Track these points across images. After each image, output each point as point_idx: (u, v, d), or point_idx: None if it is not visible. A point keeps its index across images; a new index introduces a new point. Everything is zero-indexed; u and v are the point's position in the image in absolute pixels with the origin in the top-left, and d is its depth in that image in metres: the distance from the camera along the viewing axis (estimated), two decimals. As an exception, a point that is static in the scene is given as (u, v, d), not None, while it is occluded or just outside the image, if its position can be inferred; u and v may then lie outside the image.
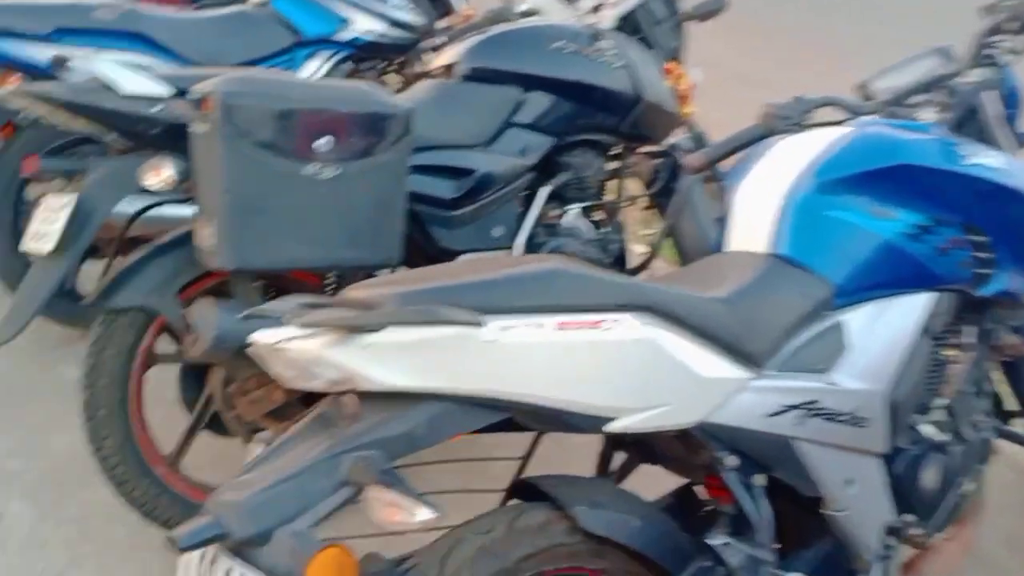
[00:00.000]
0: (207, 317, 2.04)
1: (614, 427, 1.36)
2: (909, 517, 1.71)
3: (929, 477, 1.72)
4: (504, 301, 1.28)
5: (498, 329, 1.26)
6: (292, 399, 2.37)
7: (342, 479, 1.20)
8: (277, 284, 2.38)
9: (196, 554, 1.26)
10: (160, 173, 2.20)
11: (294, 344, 1.24)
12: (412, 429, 1.25)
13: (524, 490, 1.47)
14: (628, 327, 1.34)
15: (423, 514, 1.16)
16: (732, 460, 1.50)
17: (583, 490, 1.43)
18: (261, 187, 2.03)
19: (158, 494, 2.29)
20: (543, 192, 2.67)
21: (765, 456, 1.53)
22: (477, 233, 2.54)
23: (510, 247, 2.58)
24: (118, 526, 2.44)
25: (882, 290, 1.64)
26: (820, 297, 1.58)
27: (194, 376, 2.34)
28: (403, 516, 1.18)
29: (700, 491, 1.71)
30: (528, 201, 2.66)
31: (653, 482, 1.74)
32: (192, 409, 2.36)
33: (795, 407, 1.51)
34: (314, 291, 2.31)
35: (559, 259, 1.40)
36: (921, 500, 1.73)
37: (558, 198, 2.70)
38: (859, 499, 1.60)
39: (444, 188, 2.49)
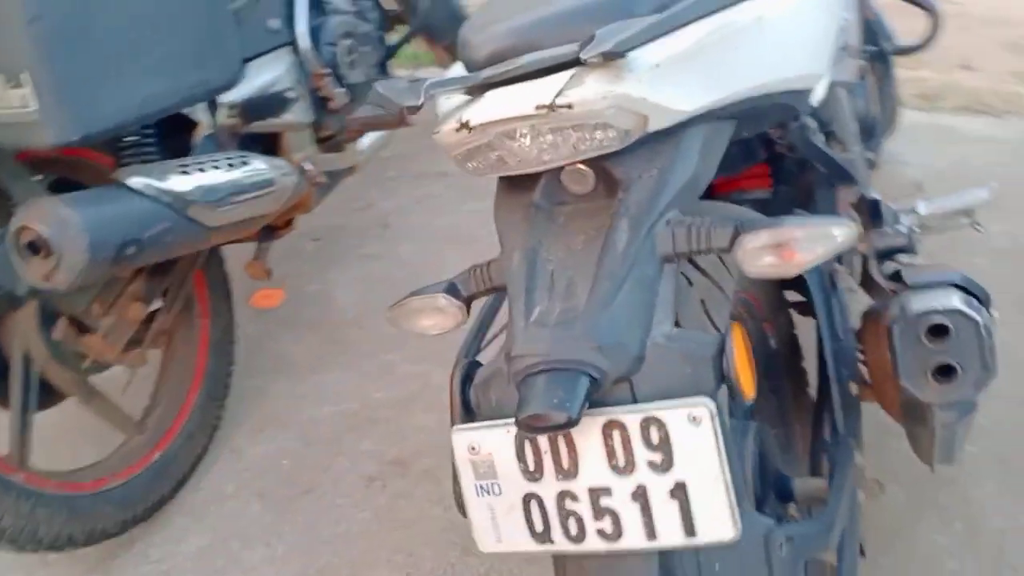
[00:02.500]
0: (63, 225, 1.38)
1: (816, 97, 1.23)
2: None
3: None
4: None
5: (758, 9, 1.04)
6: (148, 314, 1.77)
7: (665, 253, 0.94)
8: (56, 170, 1.65)
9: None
10: None
11: (573, 94, 0.89)
12: (695, 166, 0.98)
13: None
14: None
15: (841, 231, 0.91)
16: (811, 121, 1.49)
17: None
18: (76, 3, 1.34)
19: (33, 507, 1.57)
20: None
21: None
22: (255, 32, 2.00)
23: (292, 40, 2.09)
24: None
25: None
26: None
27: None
28: (816, 244, 0.96)
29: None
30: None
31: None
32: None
33: None
34: (106, 174, 1.63)
35: None
36: None
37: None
38: None
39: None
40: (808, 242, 0.87)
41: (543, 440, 0.90)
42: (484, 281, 1.05)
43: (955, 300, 1.01)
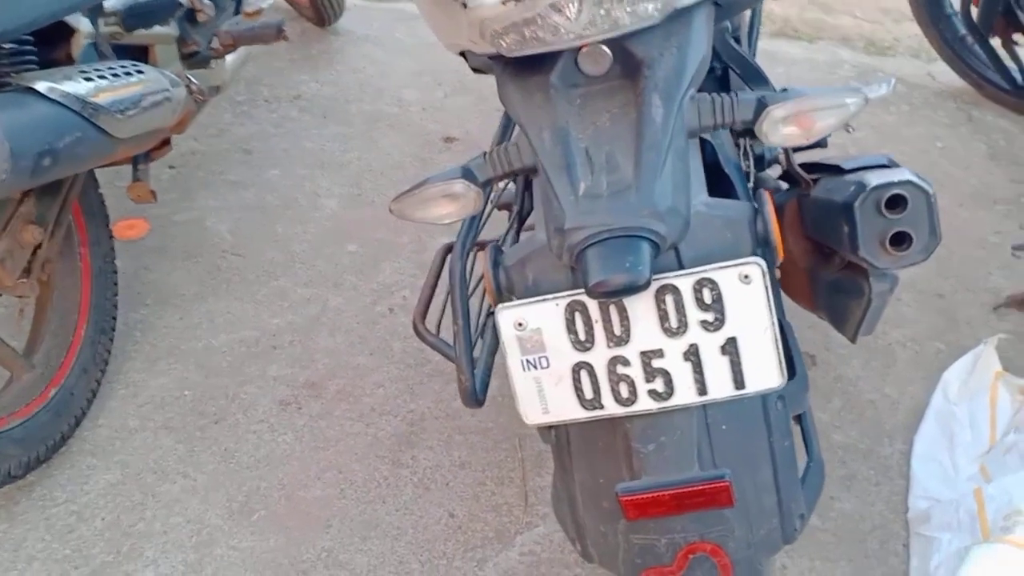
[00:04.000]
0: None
1: None
2: None
3: None
4: None
5: None
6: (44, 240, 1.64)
7: (694, 128, 1.01)
8: None
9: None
10: None
11: None
12: (705, 45, 1.03)
13: None
14: None
15: (853, 100, 0.98)
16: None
17: None
18: None
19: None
20: None
21: None
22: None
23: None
24: None
25: None
26: None
27: None
28: (833, 112, 0.99)
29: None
30: None
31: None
32: None
33: None
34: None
35: None
36: None
37: None
38: None
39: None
40: (827, 111, 0.96)
41: (594, 310, 0.95)
42: (503, 164, 1.04)
43: (907, 173, 1.11)
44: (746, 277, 0.93)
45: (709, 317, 0.94)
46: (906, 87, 3.16)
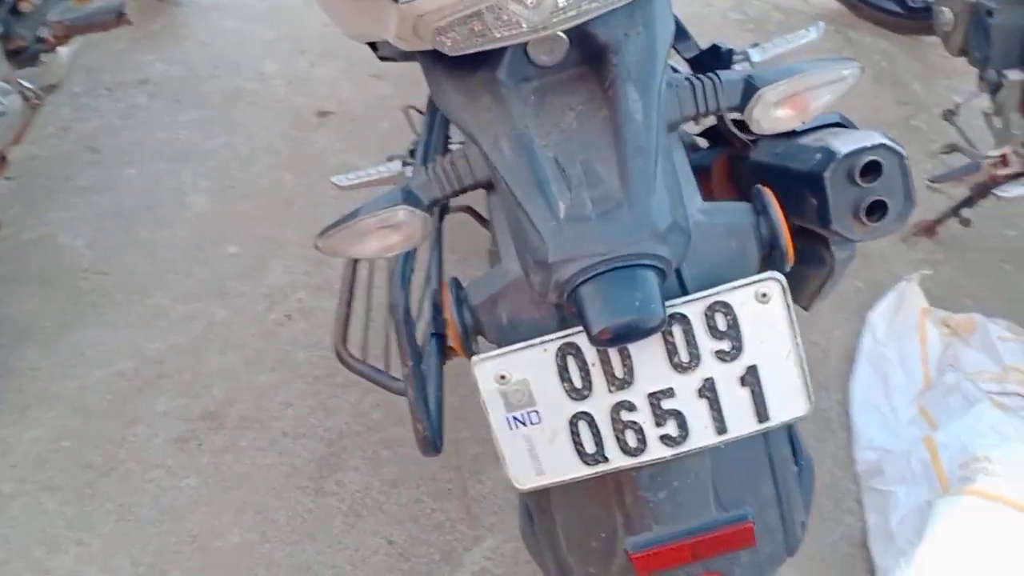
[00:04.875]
0: None
1: None
2: None
3: None
4: None
5: None
6: None
7: (674, 120, 0.88)
8: None
9: None
10: None
11: None
12: (671, 19, 0.92)
13: None
14: None
15: (850, 70, 0.89)
16: None
17: None
18: None
19: None
20: None
21: None
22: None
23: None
24: None
25: None
26: None
27: None
28: (830, 88, 0.90)
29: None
30: None
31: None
32: None
33: None
34: None
35: None
36: None
37: None
38: None
39: None
40: (823, 88, 0.84)
41: (590, 351, 0.82)
42: (451, 182, 0.89)
43: (878, 136, 0.99)
44: (764, 296, 0.81)
45: (724, 346, 0.82)
46: (782, 14, 3.11)
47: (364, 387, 1.77)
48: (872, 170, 0.98)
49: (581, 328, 0.80)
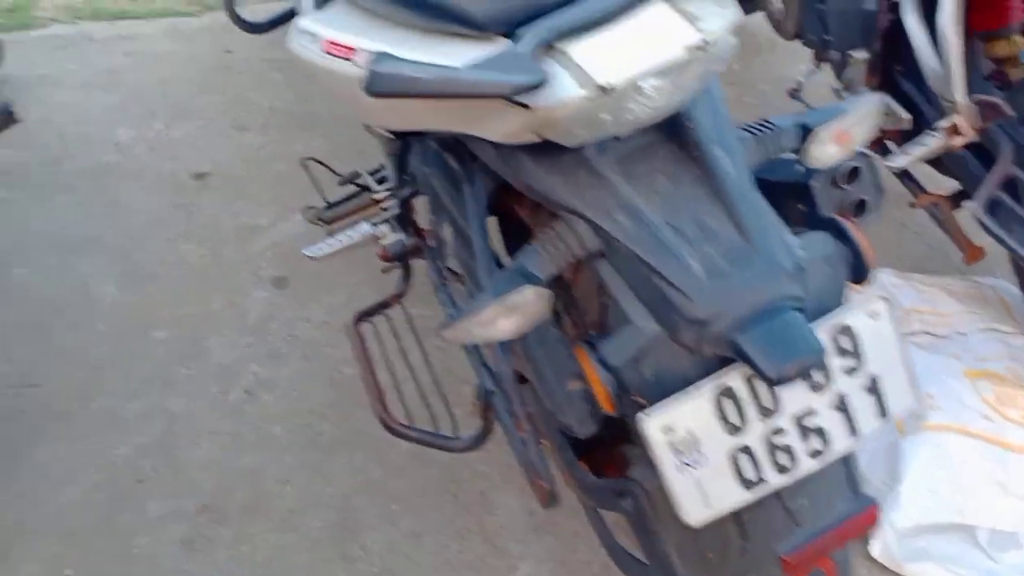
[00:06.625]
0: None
1: None
2: None
3: None
4: None
5: None
6: None
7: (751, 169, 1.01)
8: None
9: None
10: None
11: (706, 28, 0.90)
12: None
13: None
14: None
15: (879, 102, 1.06)
16: None
17: None
18: None
19: None
20: None
21: None
22: None
23: None
24: None
25: None
26: None
27: None
28: (868, 122, 1.05)
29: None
30: None
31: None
32: None
33: None
34: None
35: None
36: None
37: None
38: None
39: None
40: (864, 124, 1.01)
41: (741, 389, 0.93)
42: (566, 255, 0.97)
43: None
44: (875, 313, 0.95)
45: (851, 363, 0.96)
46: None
47: (352, 446, 1.84)
48: (854, 174, 1.16)
49: (727, 369, 0.93)
